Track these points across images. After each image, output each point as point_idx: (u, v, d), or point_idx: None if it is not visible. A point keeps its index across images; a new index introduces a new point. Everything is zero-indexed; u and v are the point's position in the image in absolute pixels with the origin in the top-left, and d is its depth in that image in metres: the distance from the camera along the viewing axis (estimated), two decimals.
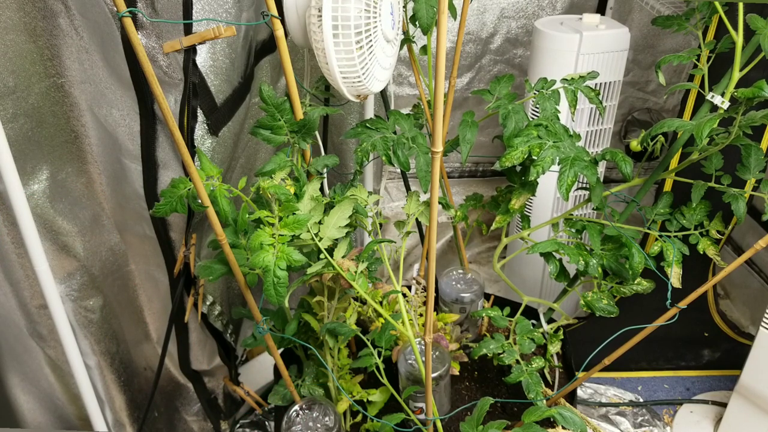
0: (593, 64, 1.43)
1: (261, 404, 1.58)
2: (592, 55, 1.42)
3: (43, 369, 1.17)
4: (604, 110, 1.48)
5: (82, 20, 0.97)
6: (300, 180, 1.05)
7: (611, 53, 1.43)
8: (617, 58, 1.44)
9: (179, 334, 1.30)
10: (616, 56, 1.44)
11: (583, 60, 1.42)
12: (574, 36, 1.41)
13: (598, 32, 1.41)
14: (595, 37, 1.41)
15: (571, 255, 1.13)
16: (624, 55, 1.45)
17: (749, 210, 1.49)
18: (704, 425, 1.58)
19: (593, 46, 1.41)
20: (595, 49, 1.41)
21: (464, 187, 2.14)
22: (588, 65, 1.43)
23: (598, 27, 1.43)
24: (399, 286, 1.02)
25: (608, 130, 1.54)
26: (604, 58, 1.43)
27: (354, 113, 1.64)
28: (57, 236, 1.08)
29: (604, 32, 1.42)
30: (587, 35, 1.40)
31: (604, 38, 1.42)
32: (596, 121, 1.51)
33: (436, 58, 0.66)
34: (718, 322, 1.66)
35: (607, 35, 1.42)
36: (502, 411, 1.27)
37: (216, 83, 1.08)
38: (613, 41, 1.43)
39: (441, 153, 0.69)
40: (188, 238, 1.16)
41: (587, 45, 1.40)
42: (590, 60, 1.42)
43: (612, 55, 1.43)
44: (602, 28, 1.43)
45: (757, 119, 0.94)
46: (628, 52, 1.46)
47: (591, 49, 1.41)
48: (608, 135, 1.55)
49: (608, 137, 1.56)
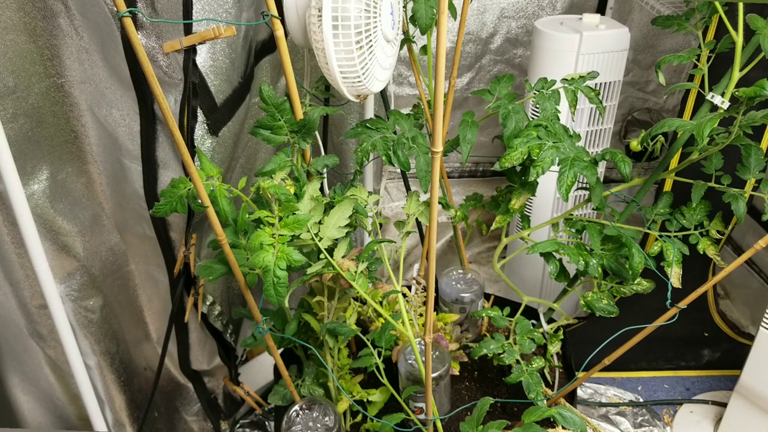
0: (593, 64, 1.43)
1: (261, 404, 1.58)
2: (592, 55, 1.42)
3: (43, 369, 1.16)
4: (604, 110, 1.48)
5: (82, 20, 0.97)
6: (300, 180, 1.05)
7: (611, 53, 1.43)
8: (617, 58, 1.44)
9: (179, 334, 1.30)
10: (616, 56, 1.44)
11: (583, 60, 1.42)
12: (574, 36, 1.41)
13: (598, 32, 1.41)
14: (595, 37, 1.41)
15: (571, 255, 1.13)
16: (624, 55, 1.45)
17: (749, 210, 1.49)
18: (704, 425, 1.58)
19: (593, 46, 1.41)
20: (595, 49, 1.41)
21: (464, 187, 2.14)
22: (588, 65, 1.43)
23: (598, 27, 1.44)
24: (399, 286, 1.02)
25: (608, 130, 1.54)
26: (604, 58, 1.43)
27: (354, 113, 1.64)
28: (57, 236, 1.08)
29: (604, 32, 1.42)
30: (587, 35, 1.40)
31: (604, 38, 1.42)
32: (596, 121, 1.51)
33: (436, 58, 0.66)
34: (718, 322, 1.66)
35: (607, 35, 1.42)
36: (502, 411, 1.27)
37: (216, 83, 1.08)
38: (613, 41, 1.43)
39: (441, 153, 0.69)
40: (188, 238, 1.16)
41: (587, 45, 1.41)
42: (590, 60, 1.42)
43: (612, 55, 1.43)
44: (602, 28, 1.43)
45: (758, 119, 0.94)
46: (628, 52, 1.46)
47: (591, 49, 1.41)
48: (608, 135, 1.55)
49: (608, 137, 1.56)
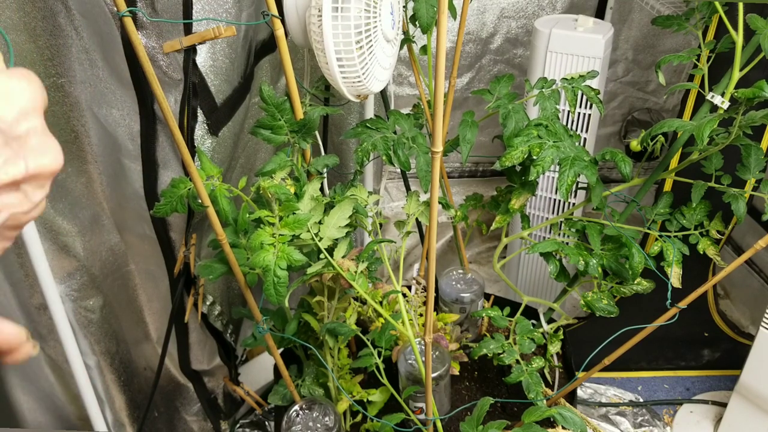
0: (563, 64, 1.44)
1: (261, 404, 1.58)
2: (561, 55, 1.43)
3: (43, 369, 1.16)
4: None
5: (82, 20, 0.97)
6: (300, 180, 1.05)
7: (583, 57, 1.42)
8: (590, 63, 1.43)
9: (179, 334, 1.30)
10: (587, 61, 1.42)
11: (550, 58, 1.44)
12: (546, 32, 1.41)
13: (572, 33, 1.41)
14: (566, 37, 1.41)
15: (571, 255, 1.13)
16: (597, 63, 1.43)
17: (749, 210, 1.48)
18: (704, 425, 1.58)
19: (563, 46, 1.42)
20: (567, 50, 1.43)
21: (464, 187, 2.14)
22: (557, 65, 1.44)
23: (576, 29, 1.43)
24: (399, 286, 1.02)
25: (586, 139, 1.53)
26: (575, 61, 1.43)
27: (354, 113, 1.64)
28: (57, 236, 1.08)
29: (579, 35, 1.41)
30: (556, 33, 1.41)
31: (576, 40, 1.42)
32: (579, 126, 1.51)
33: (436, 58, 0.65)
34: (718, 322, 1.66)
35: (579, 38, 1.41)
36: (502, 411, 1.27)
37: (216, 83, 1.08)
38: (586, 45, 1.42)
39: (441, 153, 0.69)
40: (188, 238, 1.17)
41: (555, 44, 1.42)
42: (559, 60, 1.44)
43: (583, 59, 1.42)
44: (579, 31, 1.42)
45: (757, 119, 0.94)
46: (602, 60, 1.43)
47: (561, 49, 1.43)
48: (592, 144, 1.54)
49: (592, 145, 1.54)
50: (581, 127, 1.49)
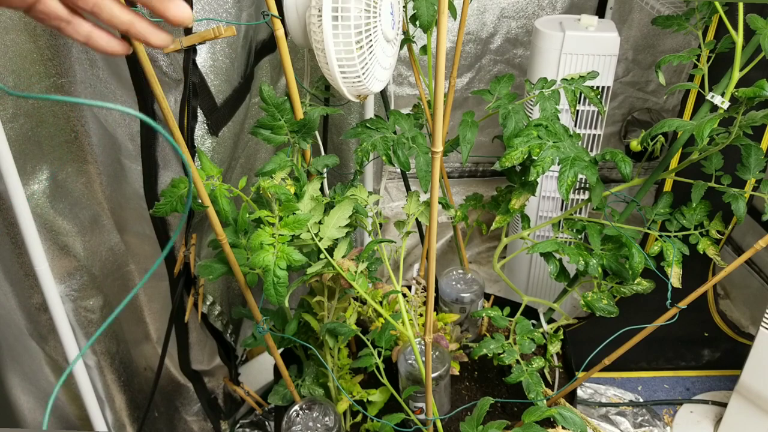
0: (577, 65, 1.43)
1: (261, 404, 1.58)
2: (575, 56, 1.43)
3: (43, 369, 1.16)
4: (604, 112, 1.48)
5: None
6: (300, 180, 1.05)
7: (597, 56, 1.42)
8: (604, 62, 1.43)
9: (179, 334, 1.30)
10: (601, 60, 1.43)
11: (565, 60, 1.43)
12: (559, 35, 1.40)
13: (584, 34, 1.41)
14: (578, 38, 1.41)
15: (571, 255, 1.13)
16: (614, 60, 1.43)
17: (749, 210, 1.48)
18: (704, 425, 1.58)
19: (576, 47, 1.42)
20: (580, 50, 1.42)
21: (464, 187, 2.14)
22: (571, 66, 1.43)
23: (587, 29, 1.43)
24: (399, 286, 1.02)
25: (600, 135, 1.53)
26: (589, 60, 1.43)
27: (354, 113, 1.64)
28: (57, 236, 1.08)
29: (591, 34, 1.41)
30: (570, 35, 1.41)
31: (588, 41, 1.42)
32: (591, 124, 1.50)
33: (436, 58, 0.65)
34: (718, 322, 1.66)
35: (592, 38, 1.42)
36: (502, 411, 1.27)
37: (216, 83, 1.08)
38: (599, 45, 1.42)
39: (441, 153, 0.69)
40: (188, 238, 1.16)
41: (569, 45, 1.42)
42: (573, 60, 1.43)
43: (597, 58, 1.42)
44: (591, 30, 1.42)
45: (758, 119, 0.94)
46: (615, 58, 1.44)
47: (574, 50, 1.42)
48: (599, 141, 1.54)
49: (599, 144, 1.54)
50: (594, 123, 1.50)
